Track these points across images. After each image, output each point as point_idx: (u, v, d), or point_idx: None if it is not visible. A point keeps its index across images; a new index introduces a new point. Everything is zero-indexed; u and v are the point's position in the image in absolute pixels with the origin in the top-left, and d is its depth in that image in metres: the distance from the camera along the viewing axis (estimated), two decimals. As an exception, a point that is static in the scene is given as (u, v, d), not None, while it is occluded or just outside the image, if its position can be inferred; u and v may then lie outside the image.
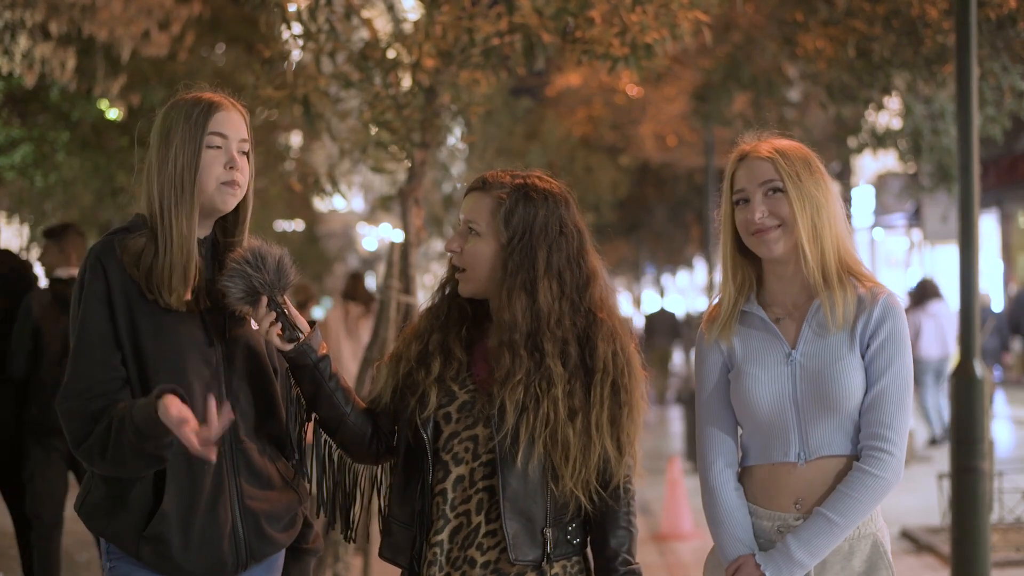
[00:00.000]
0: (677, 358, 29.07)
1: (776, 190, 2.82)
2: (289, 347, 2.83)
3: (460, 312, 2.91)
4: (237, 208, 2.91)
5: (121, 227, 2.87)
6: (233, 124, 2.85)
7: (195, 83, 2.96)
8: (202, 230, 2.88)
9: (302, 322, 2.87)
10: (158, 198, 2.81)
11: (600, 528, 2.83)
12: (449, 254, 2.89)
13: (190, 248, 2.79)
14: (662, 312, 23.74)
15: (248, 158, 2.90)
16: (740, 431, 2.96)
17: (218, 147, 2.82)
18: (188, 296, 2.79)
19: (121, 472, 2.72)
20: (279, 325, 2.81)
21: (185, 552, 2.75)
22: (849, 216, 2.97)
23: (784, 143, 2.88)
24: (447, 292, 2.94)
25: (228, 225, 2.95)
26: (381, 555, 2.92)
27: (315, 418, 2.95)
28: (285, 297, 2.84)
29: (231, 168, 2.83)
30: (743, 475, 2.94)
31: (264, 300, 2.80)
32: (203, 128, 2.81)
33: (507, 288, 2.78)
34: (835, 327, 2.79)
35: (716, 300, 2.98)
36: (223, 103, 2.86)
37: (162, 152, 2.82)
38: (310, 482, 3.00)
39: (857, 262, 2.88)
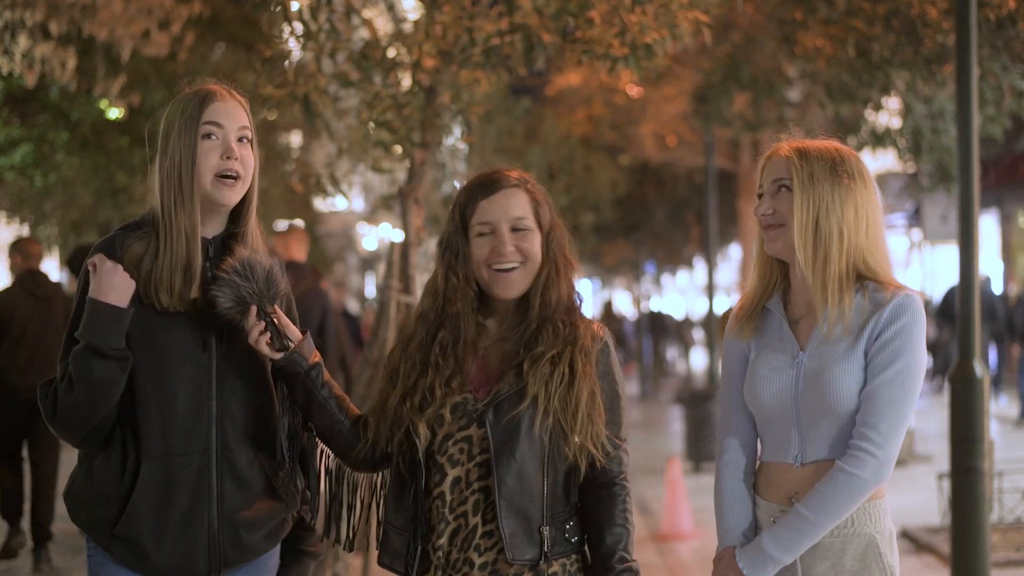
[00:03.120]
0: (671, 357, 29.09)
1: (784, 187, 2.82)
2: (278, 356, 2.83)
3: (456, 314, 2.89)
4: (243, 198, 2.88)
5: (132, 223, 2.87)
6: (229, 113, 2.82)
7: (198, 77, 2.95)
8: (211, 228, 2.86)
9: (293, 331, 2.86)
10: (159, 195, 2.80)
11: (596, 525, 2.83)
12: (498, 259, 2.85)
13: (193, 246, 2.78)
14: (654, 314, 23.84)
15: (252, 146, 2.86)
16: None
17: (214, 137, 2.79)
18: (194, 294, 2.78)
19: (96, 394, 2.72)
20: (268, 335, 2.81)
21: (157, 553, 2.76)
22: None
23: (815, 143, 2.86)
24: (446, 295, 2.92)
25: (235, 216, 2.91)
26: (380, 562, 2.91)
27: (310, 427, 2.94)
28: (275, 306, 2.84)
29: (228, 158, 2.79)
30: (758, 469, 2.95)
31: (253, 310, 2.80)
32: (197, 119, 2.78)
33: (548, 274, 2.86)
34: (829, 335, 2.76)
35: (744, 294, 3.00)
36: (218, 92, 2.83)
37: (162, 148, 2.81)
38: (308, 490, 2.99)
39: (881, 271, 2.81)
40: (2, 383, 7.58)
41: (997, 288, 17.81)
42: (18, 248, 7.92)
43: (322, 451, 3.00)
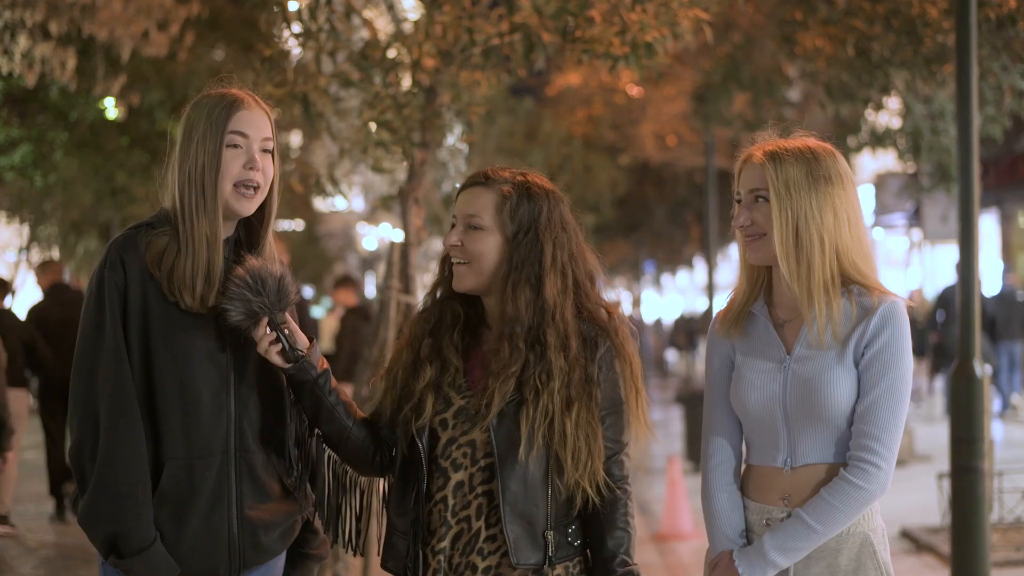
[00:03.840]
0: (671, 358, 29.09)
1: (761, 198, 2.80)
2: (288, 365, 2.82)
3: (453, 316, 2.90)
4: (262, 207, 2.88)
5: (145, 221, 2.85)
6: (255, 123, 2.81)
7: (225, 76, 2.92)
8: (225, 230, 2.85)
9: (302, 338, 2.86)
10: (179, 197, 2.78)
11: (597, 529, 2.82)
12: (449, 251, 2.88)
13: (215, 251, 2.77)
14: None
15: (272, 157, 2.86)
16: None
17: (238, 146, 2.79)
18: (212, 299, 2.76)
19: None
20: (279, 345, 2.81)
21: (177, 554, 2.75)
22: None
23: (788, 146, 2.82)
24: (439, 296, 2.94)
25: (252, 225, 2.91)
26: (383, 566, 2.91)
27: (318, 434, 2.94)
28: (286, 314, 2.83)
29: (250, 168, 2.79)
30: (744, 472, 2.95)
31: (264, 321, 2.79)
32: (223, 127, 2.77)
33: (512, 282, 2.79)
34: (820, 344, 2.76)
35: (731, 296, 2.98)
36: (245, 100, 2.82)
37: (184, 149, 2.79)
38: (316, 496, 2.99)
39: (864, 272, 2.80)
40: (43, 374, 9.39)
41: (991, 289, 17.84)
42: (43, 271, 10.05)
43: (329, 457, 2.99)
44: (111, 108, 12.37)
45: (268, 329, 2.79)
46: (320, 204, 28.18)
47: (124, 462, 2.68)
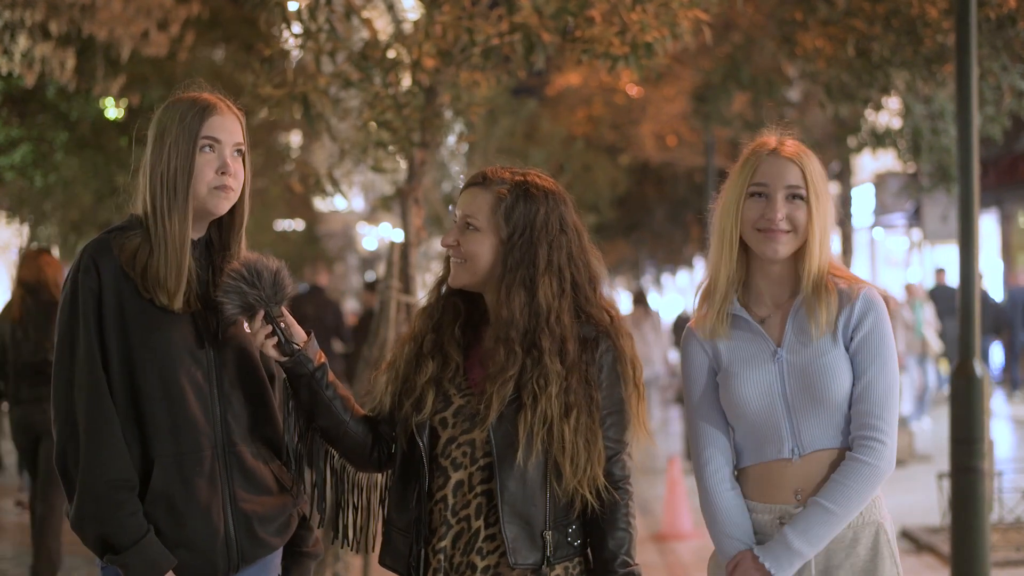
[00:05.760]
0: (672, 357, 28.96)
1: (798, 196, 2.84)
2: (285, 358, 2.82)
3: (455, 312, 2.90)
4: (233, 211, 2.90)
5: (116, 226, 2.87)
6: (227, 128, 2.84)
7: (194, 81, 2.95)
8: (196, 231, 2.87)
9: (299, 332, 2.86)
10: (151, 199, 2.81)
11: (598, 529, 2.82)
12: (446, 250, 2.89)
13: (184, 252, 2.79)
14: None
15: (244, 161, 2.88)
16: (732, 432, 2.97)
17: (211, 151, 2.81)
18: (180, 299, 2.78)
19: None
20: (275, 338, 2.81)
21: (175, 551, 2.75)
22: (849, 216, 3.00)
23: (806, 149, 2.92)
24: (442, 292, 2.93)
25: (224, 227, 2.93)
26: (381, 562, 2.91)
27: (315, 428, 2.94)
28: (283, 308, 2.83)
29: (223, 173, 2.81)
30: (739, 476, 2.95)
31: (261, 314, 2.80)
32: (196, 132, 2.79)
33: (506, 285, 2.78)
34: (818, 331, 2.84)
35: (700, 292, 2.98)
36: (218, 106, 2.85)
37: (156, 153, 2.81)
38: (312, 499, 2.98)
39: (836, 263, 2.94)
40: None
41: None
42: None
43: (327, 452, 2.99)
44: (111, 108, 12.36)
45: (264, 322, 2.80)
46: (320, 204, 28.17)
47: (102, 462, 2.70)
